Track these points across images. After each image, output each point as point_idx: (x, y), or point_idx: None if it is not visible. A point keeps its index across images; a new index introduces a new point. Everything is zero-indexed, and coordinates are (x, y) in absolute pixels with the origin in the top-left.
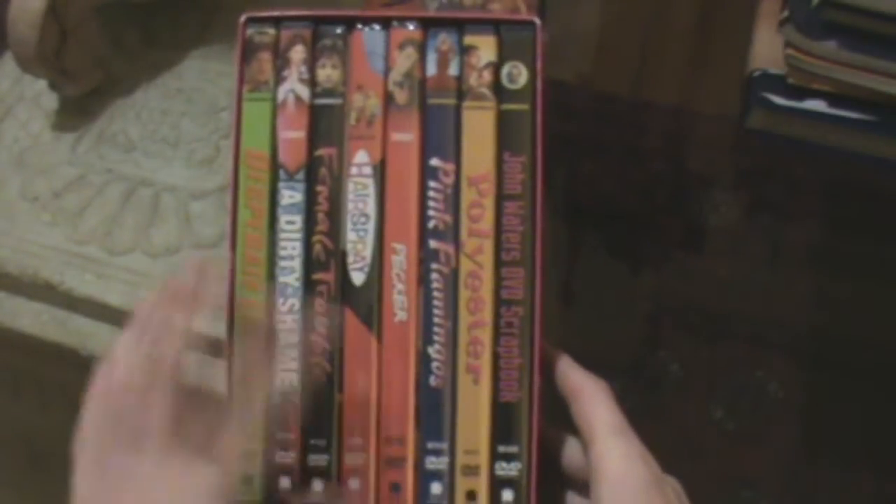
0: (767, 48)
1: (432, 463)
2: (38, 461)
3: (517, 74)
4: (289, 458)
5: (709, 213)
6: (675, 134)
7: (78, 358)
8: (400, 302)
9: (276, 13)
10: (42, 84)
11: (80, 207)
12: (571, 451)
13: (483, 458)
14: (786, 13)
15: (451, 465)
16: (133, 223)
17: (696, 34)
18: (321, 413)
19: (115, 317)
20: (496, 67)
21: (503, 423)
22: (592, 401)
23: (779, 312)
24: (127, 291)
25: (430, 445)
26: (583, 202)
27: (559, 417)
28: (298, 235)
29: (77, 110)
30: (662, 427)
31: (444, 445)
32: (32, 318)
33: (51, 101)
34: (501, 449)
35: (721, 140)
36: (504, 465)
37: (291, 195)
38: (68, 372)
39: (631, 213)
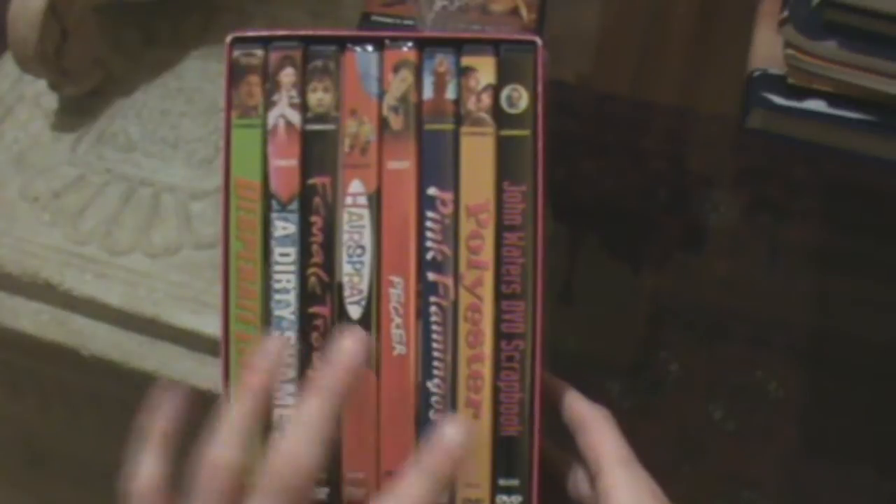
0: (767, 48)
1: None
2: (37, 461)
3: (517, 98)
4: None
5: (709, 213)
6: (675, 134)
7: (78, 358)
8: (398, 336)
9: (263, 33)
10: (42, 84)
11: (80, 207)
12: (577, 478)
13: (484, 492)
14: (786, 13)
15: (452, 498)
16: (133, 223)
17: (696, 34)
18: None
19: (115, 317)
20: (495, 91)
21: (504, 457)
22: (598, 432)
23: (779, 312)
24: (127, 291)
25: None
26: (583, 202)
27: (565, 445)
28: (293, 268)
29: (77, 110)
30: (662, 427)
31: None
32: (32, 318)
33: (51, 101)
34: (502, 482)
35: (721, 140)
36: (505, 498)
37: (285, 226)
38: (68, 372)
39: (631, 213)
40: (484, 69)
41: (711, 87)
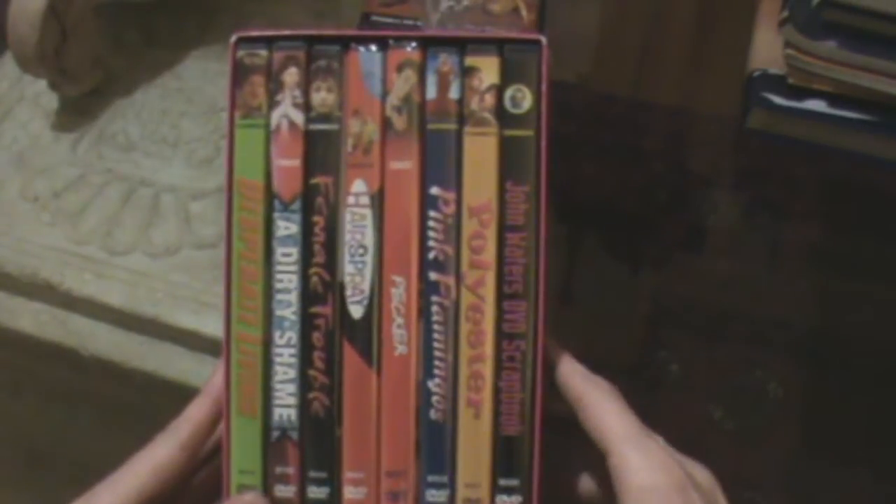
0: (767, 48)
1: (433, 496)
2: (37, 461)
3: (521, 98)
4: (289, 492)
5: (709, 213)
6: (675, 134)
7: (78, 358)
8: (400, 336)
9: (268, 33)
10: (42, 84)
11: (80, 207)
12: (582, 480)
13: (484, 492)
14: (786, 13)
15: (452, 498)
16: (133, 223)
17: (696, 34)
18: (321, 447)
19: (115, 317)
20: (499, 91)
21: (504, 457)
22: (599, 409)
23: (779, 312)
24: (127, 291)
25: (431, 479)
26: (583, 202)
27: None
28: (295, 268)
29: (77, 110)
30: (662, 427)
31: (445, 478)
32: (32, 318)
33: (51, 101)
34: (502, 482)
35: (721, 140)
36: (505, 498)
37: (287, 226)
38: (68, 372)
39: (631, 214)
40: (488, 69)
41: (711, 87)
